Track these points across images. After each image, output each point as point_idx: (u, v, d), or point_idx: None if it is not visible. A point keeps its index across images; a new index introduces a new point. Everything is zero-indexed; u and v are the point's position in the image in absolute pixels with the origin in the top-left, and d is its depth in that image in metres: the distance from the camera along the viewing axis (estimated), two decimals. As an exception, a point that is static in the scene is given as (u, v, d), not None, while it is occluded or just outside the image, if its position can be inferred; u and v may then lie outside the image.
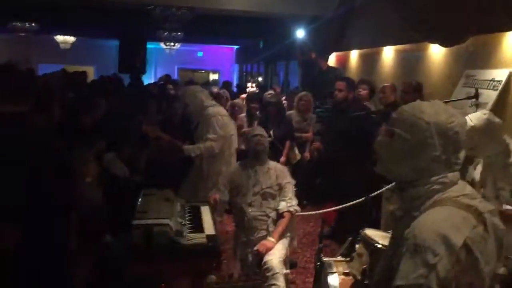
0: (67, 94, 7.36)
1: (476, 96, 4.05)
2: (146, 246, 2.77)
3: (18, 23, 12.09)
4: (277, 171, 3.94)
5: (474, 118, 3.01)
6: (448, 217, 1.45)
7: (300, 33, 9.35)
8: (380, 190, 4.74)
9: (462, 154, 1.59)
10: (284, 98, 8.27)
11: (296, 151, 6.66)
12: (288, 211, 3.82)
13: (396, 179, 1.67)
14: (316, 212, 5.82)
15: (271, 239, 3.70)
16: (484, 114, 3.05)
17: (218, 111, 4.88)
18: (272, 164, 4.03)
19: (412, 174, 1.57)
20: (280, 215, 3.84)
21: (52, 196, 2.24)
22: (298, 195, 4.16)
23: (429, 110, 1.58)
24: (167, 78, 11.70)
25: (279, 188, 3.87)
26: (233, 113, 6.67)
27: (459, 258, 1.39)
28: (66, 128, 3.81)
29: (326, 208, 6.14)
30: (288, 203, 3.84)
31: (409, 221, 1.54)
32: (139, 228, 2.83)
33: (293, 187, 3.99)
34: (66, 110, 4.26)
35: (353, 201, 4.85)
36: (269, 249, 3.62)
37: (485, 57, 4.90)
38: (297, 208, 3.92)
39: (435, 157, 1.54)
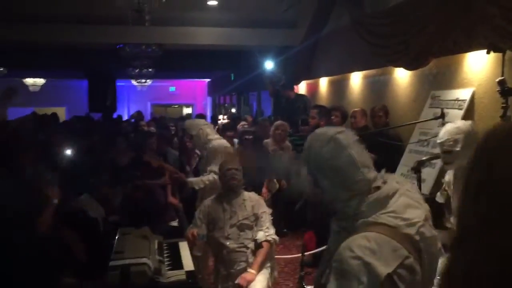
0: (37, 137, 7.26)
1: (443, 116, 4.16)
2: (123, 287, 2.71)
3: (-15, 68, 11.98)
4: (252, 201, 3.91)
5: (459, 122, 3.23)
6: (378, 247, 1.45)
7: (269, 64, 9.51)
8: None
9: (358, 172, 1.62)
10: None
11: (275, 180, 6.68)
12: (266, 240, 3.77)
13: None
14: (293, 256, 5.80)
15: (252, 270, 3.61)
16: (468, 121, 3.22)
17: (222, 143, 4.98)
18: (246, 194, 4.00)
19: (331, 202, 1.66)
20: (258, 245, 3.78)
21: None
22: (277, 223, 4.14)
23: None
24: (139, 115, 11.67)
25: (256, 219, 3.83)
26: None
27: None
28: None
29: (306, 235, 6.15)
30: (266, 232, 3.78)
31: (344, 238, 1.56)
32: (116, 269, 2.77)
33: (270, 216, 3.96)
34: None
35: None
36: (250, 282, 3.56)
37: (449, 78, 5.06)
38: (275, 237, 3.86)
39: (326, 187, 1.65)
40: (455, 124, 3.16)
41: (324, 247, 5.04)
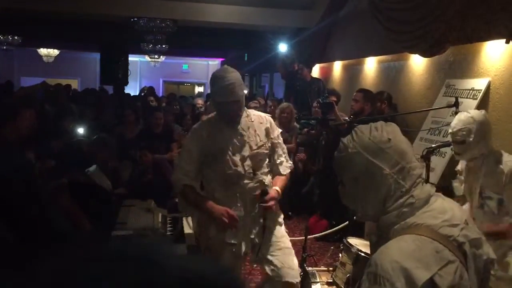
0: (44, 106, 7.29)
1: (456, 104, 4.09)
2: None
3: (0, 36, 12.01)
4: (264, 122, 3.12)
5: (472, 111, 3.13)
6: (417, 249, 1.33)
7: (283, 46, 9.41)
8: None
9: (414, 158, 1.50)
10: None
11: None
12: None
13: (372, 218, 1.57)
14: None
15: (276, 188, 3.01)
16: (481, 111, 3.13)
17: None
18: (253, 114, 3.12)
19: (381, 206, 1.48)
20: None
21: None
22: (282, 206, 4.05)
23: (350, 141, 1.52)
24: (150, 90, 11.68)
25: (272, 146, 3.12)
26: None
27: None
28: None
29: (311, 219, 6.16)
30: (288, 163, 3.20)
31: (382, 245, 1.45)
32: (117, 239, 2.79)
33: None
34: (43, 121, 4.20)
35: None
36: (274, 198, 2.95)
37: (465, 67, 4.97)
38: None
39: (388, 176, 1.45)
40: (468, 113, 3.07)
41: (330, 230, 5.03)
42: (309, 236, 4.20)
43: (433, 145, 3.56)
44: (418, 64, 5.90)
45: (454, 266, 1.34)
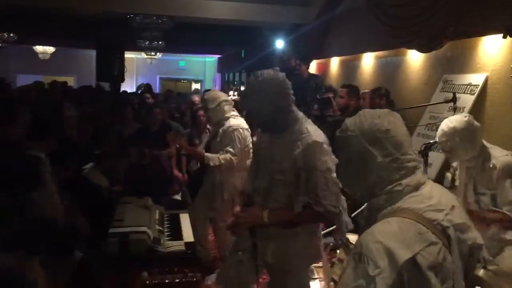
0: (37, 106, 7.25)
1: (454, 100, 4.08)
2: (121, 254, 2.72)
3: (-4, 34, 11.94)
4: (302, 144, 2.51)
5: (454, 120, 3.05)
6: (400, 231, 1.38)
7: (280, 42, 9.38)
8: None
9: (411, 150, 1.55)
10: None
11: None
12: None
13: (360, 198, 1.64)
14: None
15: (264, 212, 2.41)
16: (465, 116, 3.08)
17: (240, 123, 4.52)
18: (305, 131, 2.55)
19: (370, 190, 1.54)
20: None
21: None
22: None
23: (352, 123, 1.57)
24: (146, 87, 11.62)
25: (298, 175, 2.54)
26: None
27: (401, 275, 1.32)
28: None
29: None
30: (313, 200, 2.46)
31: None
32: (114, 236, 2.77)
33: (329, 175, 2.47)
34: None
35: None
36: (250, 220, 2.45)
37: (462, 62, 4.96)
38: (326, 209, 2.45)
39: (380, 164, 1.50)
40: (450, 123, 3.04)
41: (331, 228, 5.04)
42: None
43: (430, 141, 3.54)
44: (415, 59, 5.89)
45: (437, 248, 1.38)
